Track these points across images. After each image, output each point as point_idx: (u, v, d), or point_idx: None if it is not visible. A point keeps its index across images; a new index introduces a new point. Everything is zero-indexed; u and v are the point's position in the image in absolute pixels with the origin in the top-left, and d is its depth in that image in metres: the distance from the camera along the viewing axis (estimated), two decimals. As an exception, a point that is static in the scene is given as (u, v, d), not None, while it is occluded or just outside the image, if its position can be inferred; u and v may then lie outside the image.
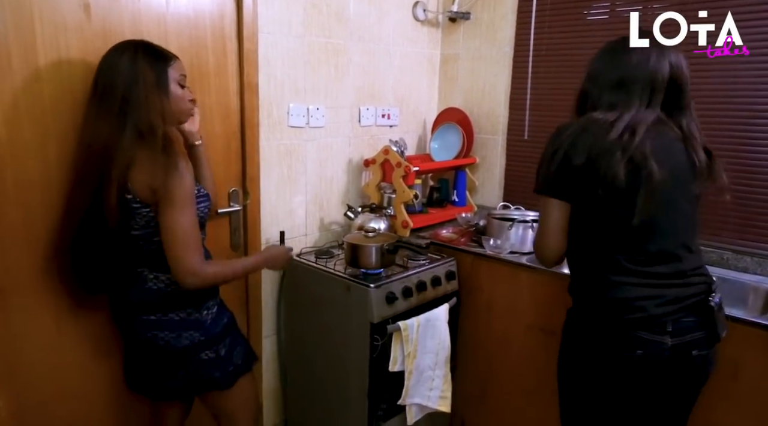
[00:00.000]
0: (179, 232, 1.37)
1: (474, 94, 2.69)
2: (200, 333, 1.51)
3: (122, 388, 1.77)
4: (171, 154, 1.36)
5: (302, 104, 2.18)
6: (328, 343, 2.02)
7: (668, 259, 1.34)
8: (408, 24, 2.60)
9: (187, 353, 1.50)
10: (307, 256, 2.16)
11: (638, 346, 1.33)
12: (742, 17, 1.90)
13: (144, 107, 1.36)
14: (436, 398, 2.02)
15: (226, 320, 1.60)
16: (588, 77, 1.43)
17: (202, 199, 1.52)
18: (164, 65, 1.42)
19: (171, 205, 1.36)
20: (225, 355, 1.56)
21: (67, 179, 1.55)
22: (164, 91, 1.40)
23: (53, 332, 1.62)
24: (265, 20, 1.99)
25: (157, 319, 1.48)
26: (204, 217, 1.54)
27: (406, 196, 2.30)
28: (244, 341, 1.69)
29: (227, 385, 1.57)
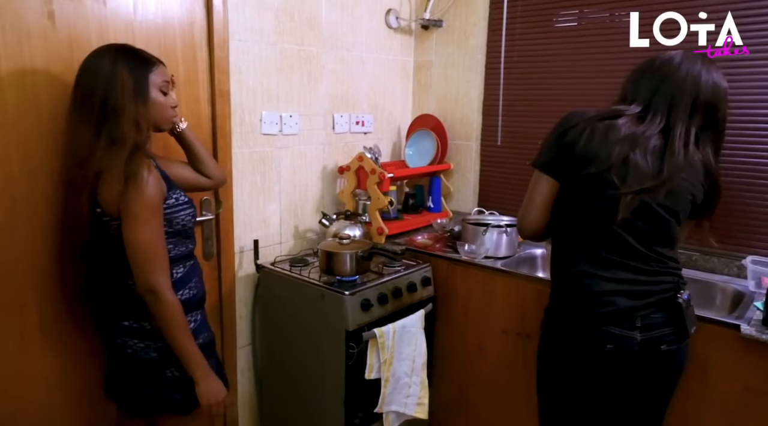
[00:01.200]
0: (140, 247, 1.31)
1: (448, 101, 2.71)
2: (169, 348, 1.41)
3: (89, 400, 1.74)
4: (133, 164, 1.28)
5: (275, 112, 2.17)
6: (303, 351, 2.00)
7: (639, 258, 1.38)
8: (381, 31, 2.61)
9: (153, 367, 1.43)
10: (281, 264, 2.14)
11: (608, 341, 1.38)
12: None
13: (120, 115, 1.30)
14: (413, 405, 2.01)
15: (200, 341, 1.48)
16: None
17: (182, 207, 1.44)
18: (145, 71, 1.36)
19: (130, 218, 1.30)
20: (189, 377, 1.44)
21: (30, 187, 1.52)
22: (142, 98, 1.34)
23: (17, 343, 1.57)
24: (236, 27, 1.98)
25: (129, 326, 1.42)
26: (187, 225, 1.46)
27: (381, 202, 2.29)
28: (215, 366, 1.53)
29: (186, 411, 1.47)
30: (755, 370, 1.52)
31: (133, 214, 1.29)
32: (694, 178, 1.38)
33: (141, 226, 1.30)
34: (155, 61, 1.40)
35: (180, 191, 1.46)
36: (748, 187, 1.93)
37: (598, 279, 1.39)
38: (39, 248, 1.57)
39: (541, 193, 1.46)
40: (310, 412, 2.01)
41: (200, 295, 1.53)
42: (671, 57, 1.41)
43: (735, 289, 1.85)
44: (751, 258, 1.84)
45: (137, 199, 1.29)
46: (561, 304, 1.49)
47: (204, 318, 1.54)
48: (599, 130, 1.36)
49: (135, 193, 1.28)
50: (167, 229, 1.39)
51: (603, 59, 2.20)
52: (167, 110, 1.43)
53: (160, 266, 1.34)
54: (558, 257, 1.50)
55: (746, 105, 1.90)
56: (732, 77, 1.91)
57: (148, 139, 1.37)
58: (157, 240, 1.33)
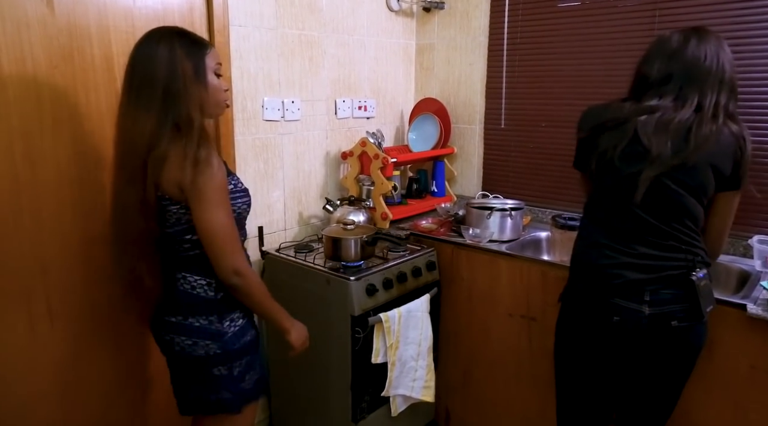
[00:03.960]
0: (217, 229, 1.29)
1: (450, 84, 2.69)
2: (218, 345, 1.38)
3: (100, 387, 1.76)
4: (203, 148, 1.27)
5: (277, 97, 2.15)
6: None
7: (656, 233, 1.40)
8: (382, 14, 2.58)
9: (201, 365, 1.40)
10: (286, 250, 2.14)
11: (615, 313, 1.42)
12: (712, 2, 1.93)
13: (184, 100, 1.28)
14: (419, 388, 2.03)
15: (249, 338, 1.45)
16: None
17: (240, 194, 1.43)
18: (201, 54, 1.33)
19: (204, 201, 1.27)
20: (238, 375, 1.42)
21: (34, 176, 1.52)
22: (203, 82, 1.32)
23: (27, 330, 1.59)
24: (236, 12, 1.96)
25: (177, 322, 1.39)
26: (243, 214, 1.45)
27: (385, 187, 2.29)
28: (260, 366, 1.52)
29: (235, 410, 1.44)
30: (761, 349, 1.52)
31: (209, 197, 1.27)
32: (719, 150, 1.37)
33: (217, 208, 1.28)
34: (207, 43, 1.37)
35: (237, 178, 1.45)
36: (753, 166, 1.90)
37: (609, 250, 1.43)
38: (45, 237, 1.58)
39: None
40: (318, 396, 2.03)
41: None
42: (687, 38, 1.41)
43: (741, 269, 1.84)
44: (757, 237, 1.84)
45: (211, 182, 1.26)
46: (575, 277, 1.55)
47: (245, 318, 1.47)
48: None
49: (208, 176, 1.26)
50: None
51: (607, 39, 2.17)
52: (221, 93, 1.39)
53: (238, 247, 1.34)
54: (578, 234, 1.57)
55: (752, 83, 1.88)
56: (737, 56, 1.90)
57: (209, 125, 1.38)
58: (231, 222, 1.32)
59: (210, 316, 1.39)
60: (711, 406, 1.63)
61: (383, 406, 2.00)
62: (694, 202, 1.39)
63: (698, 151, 1.33)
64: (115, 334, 1.78)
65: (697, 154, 1.34)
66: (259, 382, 1.51)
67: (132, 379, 1.85)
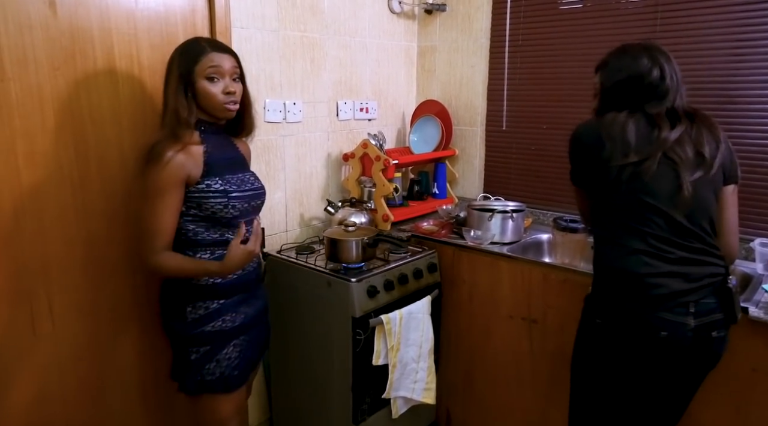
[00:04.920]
0: (141, 222, 1.43)
1: (452, 86, 2.69)
2: (177, 325, 1.52)
3: (102, 387, 1.76)
4: (161, 144, 1.39)
5: (278, 99, 2.16)
6: (310, 338, 2.01)
7: (689, 236, 1.38)
8: (384, 16, 2.58)
9: (172, 341, 1.55)
10: (287, 252, 2.14)
11: (662, 328, 1.35)
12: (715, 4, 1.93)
13: (166, 107, 1.43)
14: (420, 390, 2.03)
15: (210, 329, 1.51)
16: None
17: (214, 195, 1.46)
18: (191, 62, 1.43)
19: (143, 192, 1.41)
20: (195, 361, 1.51)
21: (36, 178, 1.53)
22: (185, 91, 1.43)
23: (29, 331, 1.59)
24: (238, 14, 1.97)
25: (160, 294, 1.58)
26: (217, 213, 1.47)
27: (386, 189, 2.29)
28: (227, 363, 1.53)
29: (190, 393, 1.54)
30: (763, 352, 1.52)
31: (146, 189, 1.40)
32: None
33: (147, 202, 1.40)
34: (208, 49, 1.44)
35: (218, 180, 1.48)
36: (756, 170, 1.91)
37: (647, 257, 1.36)
38: (47, 237, 1.59)
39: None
40: (319, 398, 2.03)
41: (224, 286, 1.53)
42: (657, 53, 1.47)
43: (743, 272, 1.83)
44: (759, 241, 1.83)
45: (153, 175, 1.38)
46: (608, 290, 1.43)
47: (223, 308, 1.53)
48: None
49: (153, 169, 1.38)
50: (197, 212, 1.47)
51: (608, 40, 2.16)
52: (214, 97, 1.45)
53: (157, 245, 1.41)
54: (604, 243, 1.46)
55: (753, 85, 1.88)
56: (740, 59, 1.90)
57: (190, 128, 1.45)
58: (159, 220, 1.41)
59: (179, 297, 1.51)
60: (713, 409, 1.62)
61: (384, 408, 2.00)
62: (713, 200, 1.40)
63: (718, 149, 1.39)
64: (116, 334, 1.78)
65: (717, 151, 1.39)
66: (219, 380, 1.52)
67: (135, 378, 1.85)
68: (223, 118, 1.53)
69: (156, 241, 1.41)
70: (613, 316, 1.41)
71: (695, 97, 1.98)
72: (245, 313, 1.58)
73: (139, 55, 1.72)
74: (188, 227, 1.48)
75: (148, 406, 1.90)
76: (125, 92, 1.70)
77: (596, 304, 1.47)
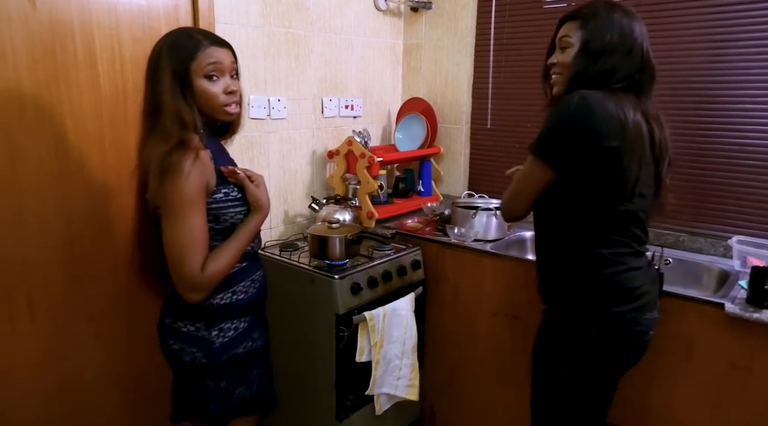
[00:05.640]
0: (173, 244, 1.22)
1: (437, 84, 2.70)
2: (203, 354, 1.33)
3: (80, 385, 1.75)
4: (171, 157, 1.19)
5: (263, 96, 2.15)
6: (294, 335, 2.00)
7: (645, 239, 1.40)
8: (370, 14, 2.58)
9: (188, 372, 1.36)
10: (271, 249, 2.13)
11: (650, 329, 1.38)
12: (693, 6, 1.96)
13: (162, 111, 1.23)
14: (404, 387, 2.03)
15: (242, 351, 1.38)
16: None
17: (233, 203, 1.33)
18: (186, 59, 1.25)
19: (166, 212, 1.22)
20: (225, 387, 1.36)
21: (14, 176, 1.52)
22: (183, 91, 1.25)
23: (7, 329, 1.57)
24: (222, 10, 1.95)
25: (169, 325, 1.37)
26: (237, 223, 1.34)
27: (371, 186, 2.29)
28: (257, 385, 1.44)
29: (220, 423, 1.38)
30: (739, 347, 1.54)
31: (170, 208, 1.21)
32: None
33: (176, 220, 1.21)
34: (204, 43, 1.27)
35: (233, 187, 1.34)
36: (733, 168, 1.94)
37: (630, 270, 1.32)
38: (26, 234, 1.57)
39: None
40: (302, 395, 2.03)
41: (247, 301, 1.39)
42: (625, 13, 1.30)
43: (721, 269, 1.87)
44: (736, 238, 1.86)
45: (173, 192, 1.20)
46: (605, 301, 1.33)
47: (250, 325, 1.40)
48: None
49: (171, 186, 1.19)
50: (214, 226, 1.30)
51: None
52: (215, 98, 1.28)
53: (193, 265, 1.23)
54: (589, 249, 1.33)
55: (732, 86, 1.91)
56: (718, 59, 1.93)
57: (197, 132, 1.27)
58: (196, 232, 1.23)
59: (197, 323, 1.33)
60: (691, 405, 1.65)
61: (368, 404, 2.01)
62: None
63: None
64: (98, 332, 1.77)
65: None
66: (253, 401, 1.44)
67: (116, 377, 1.84)
68: (222, 121, 1.38)
69: (198, 257, 1.23)
70: (611, 327, 1.33)
71: (675, 97, 2.02)
72: (266, 327, 1.50)
73: (121, 48, 1.70)
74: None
75: (129, 404, 1.88)
76: (107, 87, 1.69)
77: (591, 316, 1.34)
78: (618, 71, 1.27)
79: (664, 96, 2.04)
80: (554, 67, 1.37)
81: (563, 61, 1.33)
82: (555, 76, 1.37)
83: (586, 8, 1.32)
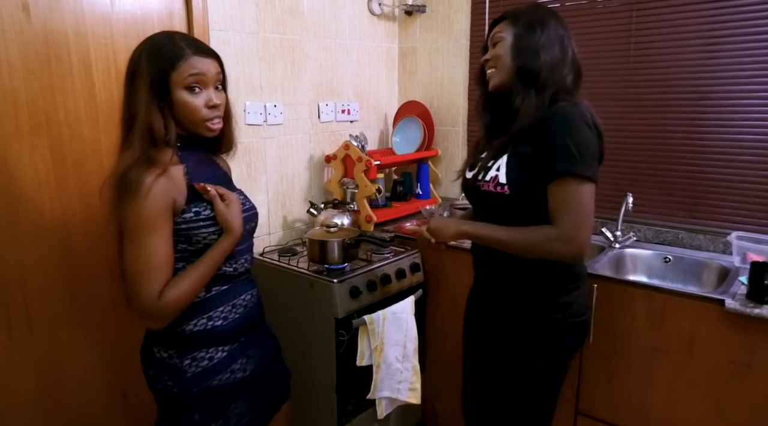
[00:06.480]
0: (128, 267, 1.13)
1: (433, 87, 2.70)
2: (174, 383, 1.22)
3: (80, 394, 1.74)
4: (132, 173, 1.10)
5: (259, 102, 2.15)
6: (293, 340, 2.00)
7: None
8: (364, 18, 2.59)
9: (162, 400, 1.26)
10: (270, 254, 2.14)
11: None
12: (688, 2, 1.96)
13: (134, 122, 1.14)
14: (405, 390, 2.02)
15: (216, 383, 1.23)
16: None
17: (205, 223, 1.20)
18: (166, 67, 1.14)
19: (125, 233, 1.13)
20: (198, 421, 1.23)
21: (9, 185, 1.52)
22: (158, 103, 1.15)
23: (5, 339, 1.57)
24: (216, 17, 1.96)
25: (144, 348, 1.27)
26: (211, 245, 1.21)
27: (369, 190, 2.29)
28: (236, 421, 1.28)
29: None
30: (739, 343, 1.54)
31: (128, 229, 1.12)
32: None
33: (131, 243, 1.12)
34: (187, 52, 1.16)
35: (206, 206, 1.21)
36: (730, 164, 1.94)
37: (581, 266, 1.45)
38: (24, 243, 1.57)
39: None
40: (303, 400, 2.02)
41: (226, 328, 1.26)
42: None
43: (720, 265, 1.86)
44: (735, 234, 1.86)
45: (131, 212, 1.11)
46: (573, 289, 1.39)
47: (230, 356, 1.26)
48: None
49: (130, 205, 1.10)
50: (186, 247, 1.19)
51: (585, 40, 2.20)
52: (196, 112, 1.18)
53: (150, 282, 1.13)
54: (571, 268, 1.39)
55: (727, 81, 1.91)
56: (712, 55, 1.93)
57: (171, 146, 1.18)
58: (147, 260, 1.12)
59: (170, 349, 1.22)
60: (692, 403, 1.64)
61: (369, 408, 2.00)
62: None
63: None
64: (95, 342, 1.76)
65: None
66: None
67: (114, 386, 1.83)
68: (205, 136, 1.26)
69: (155, 284, 1.12)
70: (572, 309, 1.38)
71: (670, 93, 2.02)
72: (255, 357, 1.33)
73: (116, 58, 1.71)
74: (177, 266, 1.19)
75: (128, 413, 1.88)
76: (102, 95, 1.70)
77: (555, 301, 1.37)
78: (558, 66, 1.32)
79: (658, 93, 2.04)
80: (488, 62, 1.42)
81: (496, 53, 1.38)
82: (490, 71, 1.42)
83: (515, 8, 1.42)
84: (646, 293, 1.68)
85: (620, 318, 1.73)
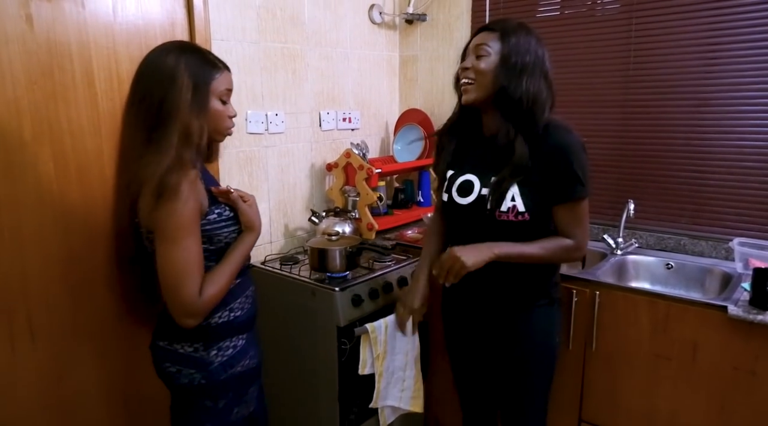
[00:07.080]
0: (168, 269, 1.18)
1: (434, 95, 2.71)
2: (201, 375, 1.30)
3: (85, 403, 1.73)
4: (171, 177, 1.13)
5: (260, 111, 2.16)
6: (296, 349, 2.00)
7: None
8: (365, 27, 2.61)
9: (185, 394, 1.33)
10: (271, 263, 2.13)
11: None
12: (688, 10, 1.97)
13: (171, 122, 1.17)
14: (408, 399, 2.01)
15: (240, 369, 1.35)
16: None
17: (225, 223, 1.30)
18: (208, 76, 1.23)
19: (160, 237, 1.17)
20: (224, 407, 1.34)
21: (14, 193, 1.53)
22: (199, 107, 1.21)
23: (8, 353, 1.56)
24: (218, 27, 1.97)
25: (164, 347, 1.33)
26: (230, 243, 1.32)
27: (370, 198, 2.30)
28: (255, 403, 1.43)
29: None
30: (743, 350, 1.53)
31: (165, 234, 1.17)
32: None
33: (170, 246, 1.17)
34: (220, 66, 1.27)
35: (225, 207, 1.32)
36: (732, 170, 1.94)
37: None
38: (27, 253, 1.57)
39: None
40: (305, 409, 2.01)
41: (244, 318, 1.38)
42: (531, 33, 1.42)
43: (723, 272, 1.86)
44: (738, 240, 1.86)
45: (171, 217, 1.15)
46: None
47: (247, 343, 1.38)
48: None
49: (169, 210, 1.15)
50: (208, 247, 1.27)
51: (585, 47, 2.21)
52: (225, 121, 1.30)
53: (190, 290, 1.19)
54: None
55: (728, 88, 1.92)
56: (713, 62, 1.94)
57: (198, 152, 1.24)
58: (191, 258, 1.19)
59: (195, 343, 1.30)
60: (696, 409, 1.63)
61: (372, 417, 1.99)
62: None
63: None
64: (98, 352, 1.76)
65: None
66: (248, 421, 1.42)
67: (117, 396, 1.83)
68: (216, 142, 1.37)
69: (195, 283, 1.20)
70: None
71: (670, 100, 2.02)
72: (258, 344, 1.46)
73: (118, 67, 1.72)
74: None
75: (130, 424, 1.87)
76: (105, 105, 1.70)
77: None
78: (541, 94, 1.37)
79: (659, 99, 2.05)
80: (467, 71, 1.42)
81: (479, 68, 1.39)
82: (466, 81, 1.43)
83: (504, 23, 1.41)
84: (649, 300, 1.68)
85: (623, 325, 1.73)
